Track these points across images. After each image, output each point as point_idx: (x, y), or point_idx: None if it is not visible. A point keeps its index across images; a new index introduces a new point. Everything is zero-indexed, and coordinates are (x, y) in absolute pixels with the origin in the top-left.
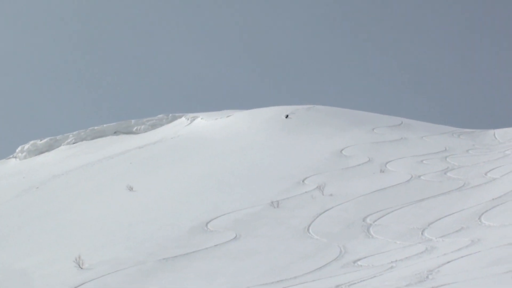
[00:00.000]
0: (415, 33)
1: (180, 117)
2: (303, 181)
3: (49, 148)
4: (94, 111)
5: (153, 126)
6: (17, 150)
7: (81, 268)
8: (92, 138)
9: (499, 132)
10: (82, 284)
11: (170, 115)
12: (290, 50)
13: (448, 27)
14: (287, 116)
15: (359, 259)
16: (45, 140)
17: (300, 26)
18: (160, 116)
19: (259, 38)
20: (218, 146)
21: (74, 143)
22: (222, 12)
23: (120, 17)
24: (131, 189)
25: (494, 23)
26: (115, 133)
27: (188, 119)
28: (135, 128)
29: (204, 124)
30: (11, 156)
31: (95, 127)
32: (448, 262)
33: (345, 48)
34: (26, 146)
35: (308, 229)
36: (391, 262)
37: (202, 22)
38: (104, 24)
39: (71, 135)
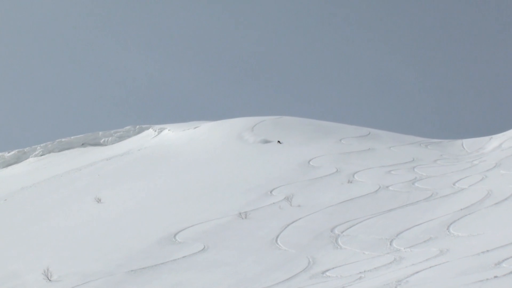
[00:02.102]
0: (382, 43)
1: (148, 128)
2: (271, 192)
3: (17, 160)
4: (61, 123)
5: (121, 138)
6: None
7: (50, 280)
8: (60, 150)
9: (467, 142)
10: None
11: (138, 126)
12: (256, 61)
13: (414, 37)
14: (278, 142)
15: (327, 270)
16: (12, 152)
17: (267, 37)
18: (127, 127)
19: (227, 50)
20: (185, 158)
21: (42, 155)
22: (189, 23)
23: (87, 28)
24: (99, 201)
25: (461, 34)
26: (83, 145)
27: (155, 131)
28: (102, 140)
29: (172, 135)
30: None
31: (63, 139)
32: (417, 272)
33: (312, 59)
34: None
35: (276, 240)
36: (360, 272)
37: (169, 33)
38: (72, 35)
39: (38, 147)
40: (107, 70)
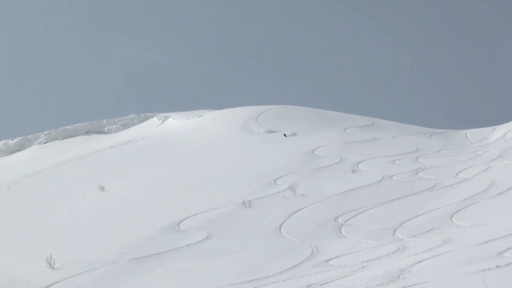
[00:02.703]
0: (387, 33)
1: (152, 117)
2: (275, 181)
3: (20, 147)
4: (65, 111)
5: (125, 126)
6: None
7: (53, 268)
8: (64, 138)
9: (470, 133)
10: (53, 284)
11: (142, 115)
12: (261, 50)
13: (419, 27)
14: (285, 135)
15: (330, 259)
16: (16, 139)
17: (272, 25)
18: (131, 116)
19: (232, 38)
20: (190, 146)
21: (45, 143)
22: (195, 11)
23: (92, 16)
24: (102, 189)
25: (464, 23)
26: (87, 132)
27: (159, 119)
28: (106, 128)
29: (176, 124)
30: None
31: (67, 127)
32: (420, 261)
33: (318, 48)
34: None
35: (280, 229)
36: (363, 261)
37: (175, 21)
38: (77, 23)
39: (42, 135)
40: (112, 58)
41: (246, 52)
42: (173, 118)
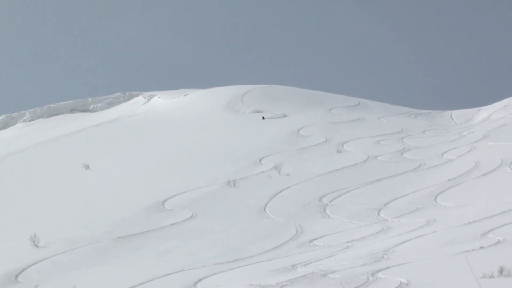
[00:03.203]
0: (373, 13)
1: (137, 95)
2: (260, 160)
3: (5, 125)
4: (50, 88)
5: (110, 104)
6: None
7: (37, 246)
8: (49, 116)
9: (455, 114)
10: (37, 262)
11: (127, 93)
12: (248, 29)
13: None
14: (263, 118)
15: (315, 239)
16: (0, 117)
17: (258, 4)
18: (117, 94)
19: (218, 17)
20: (175, 125)
21: (30, 121)
22: None
23: None
24: (87, 167)
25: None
26: (72, 111)
27: (145, 98)
28: (91, 106)
29: (161, 102)
30: None
31: (52, 105)
32: (404, 242)
33: (304, 28)
34: None
35: (264, 209)
36: (347, 242)
37: None
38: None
39: (27, 113)
40: (98, 35)
41: (232, 30)
42: (158, 97)
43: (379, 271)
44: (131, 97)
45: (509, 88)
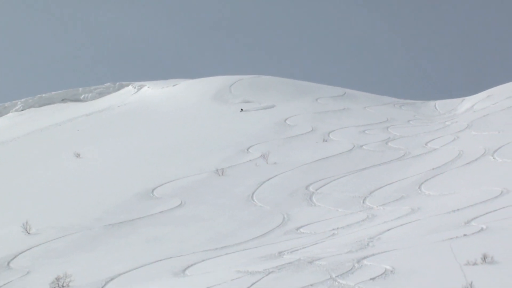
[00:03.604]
0: (359, 4)
1: (127, 85)
2: (247, 149)
3: None
4: (42, 79)
5: (101, 94)
6: None
7: (29, 233)
8: (40, 106)
9: (439, 104)
10: (29, 248)
11: (117, 83)
12: (236, 19)
13: None
14: (241, 110)
15: (301, 226)
16: None
17: None
18: (107, 84)
19: (206, 7)
20: (164, 115)
21: (22, 110)
22: None
23: None
24: (78, 156)
25: None
26: (63, 100)
27: (135, 88)
28: (82, 96)
29: (151, 93)
30: None
31: (43, 95)
32: (389, 229)
33: (291, 19)
34: None
35: (252, 197)
36: (333, 229)
37: None
38: None
39: (19, 102)
40: (88, 26)
41: (220, 21)
42: (148, 87)
43: (364, 258)
44: (121, 87)
45: (492, 79)
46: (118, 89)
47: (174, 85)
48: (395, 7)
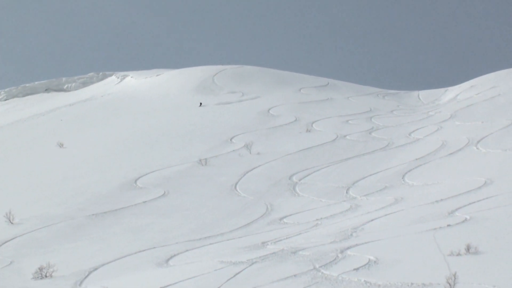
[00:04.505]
0: None
1: (111, 75)
2: (230, 139)
3: None
4: (25, 68)
5: (84, 84)
6: None
7: (12, 223)
8: (24, 95)
9: (423, 94)
10: (12, 238)
11: (101, 73)
12: (219, 9)
13: None
14: (200, 104)
15: (285, 217)
16: None
17: None
18: (90, 74)
19: None
20: (147, 105)
21: (5, 100)
22: None
23: None
24: (61, 145)
25: None
26: (46, 90)
27: (118, 78)
28: (66, 85)
29: (134, 82)
30: None
31: (27, 84)
32: (372, 220)
33: (274, 8)
34: None
35: (235, 187)
36: (316, 219)
37: None
38: None
39: (2, 92)
40: (72, 15)
41: (204, 10)
42: (131, 77)
43: (348, 248)
44: (104, 77)
45: (476, 69)
46: (102, 79)
47: (157, 75)
48: None
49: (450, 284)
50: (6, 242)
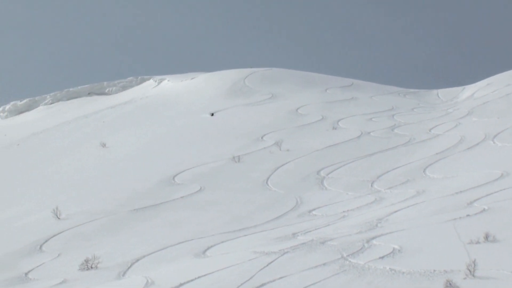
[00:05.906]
0: None
1: (149, 79)
2: (261, 137)
3: (28, 108)
4: (69, 74)
5: (124, 88)
6: None
7: (59, 218)
8: (68, 99)
9: (442, 92)
10: (60, 233)
11: (139, 77)
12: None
13: None
14: (212, 114)
15: (313, 209)
16: (24, 101)
17: None
18: (130, 78)
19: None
20: (183, 106)
21: (51, 104)
22: None
23: None
24: (104, 145)
25: None
26: (89, 94)
27: (155, 81)
28: (107, 89)
29: (171, 85)
30: None
31: (71, 89)
32: (396, 211)
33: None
34: (7, 107)
35: (267, 182)
36: (343, 211)
37: None
38: None
39: (48, 96)
40: (113, 24)
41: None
42: (168, 80)
43: (373, 238)
44: (143, 80)
45: (492, 68)
46: (140, 82)
47: (192, 78)
48: (398, 0)
49: (470, 271)
50: (54, 236)
